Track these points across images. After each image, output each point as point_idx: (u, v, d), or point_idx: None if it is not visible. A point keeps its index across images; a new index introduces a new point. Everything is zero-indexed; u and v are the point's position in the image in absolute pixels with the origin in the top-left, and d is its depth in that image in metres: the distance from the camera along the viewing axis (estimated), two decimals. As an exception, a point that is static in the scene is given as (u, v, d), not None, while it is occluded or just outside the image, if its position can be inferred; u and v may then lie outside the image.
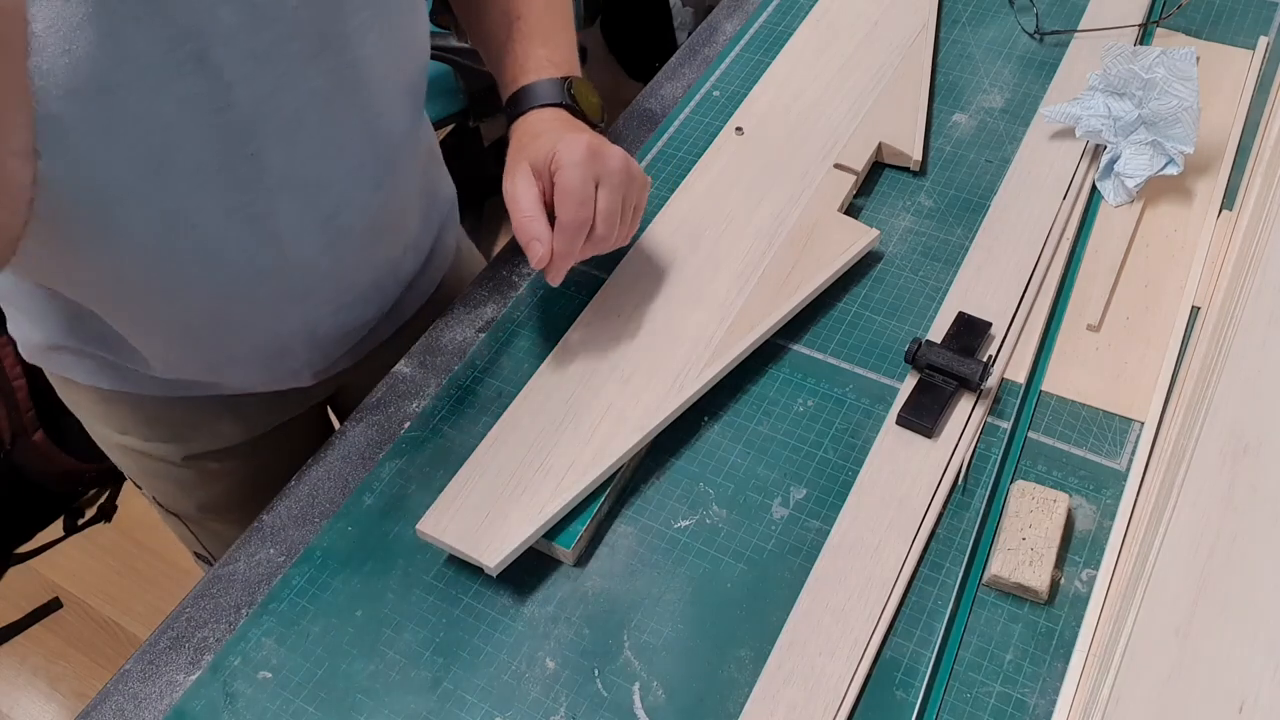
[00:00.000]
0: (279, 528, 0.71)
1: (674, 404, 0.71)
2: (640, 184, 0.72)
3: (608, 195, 0.68)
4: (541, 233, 0.66)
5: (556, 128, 0.71)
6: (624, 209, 0.69)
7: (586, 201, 0.66)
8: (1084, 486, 0.69)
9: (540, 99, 0.73)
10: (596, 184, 0.67)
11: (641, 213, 0.73)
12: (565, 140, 0.67)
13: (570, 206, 0.66)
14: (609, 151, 0.68)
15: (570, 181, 0.66)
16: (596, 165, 0.67)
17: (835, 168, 0.85)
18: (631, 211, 0.71)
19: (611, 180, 0.68)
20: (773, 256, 0.79)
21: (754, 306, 0.76)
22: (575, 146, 0.67)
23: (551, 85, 0.73)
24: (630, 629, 0.64)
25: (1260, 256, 0.71)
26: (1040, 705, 0.60)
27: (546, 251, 0.66)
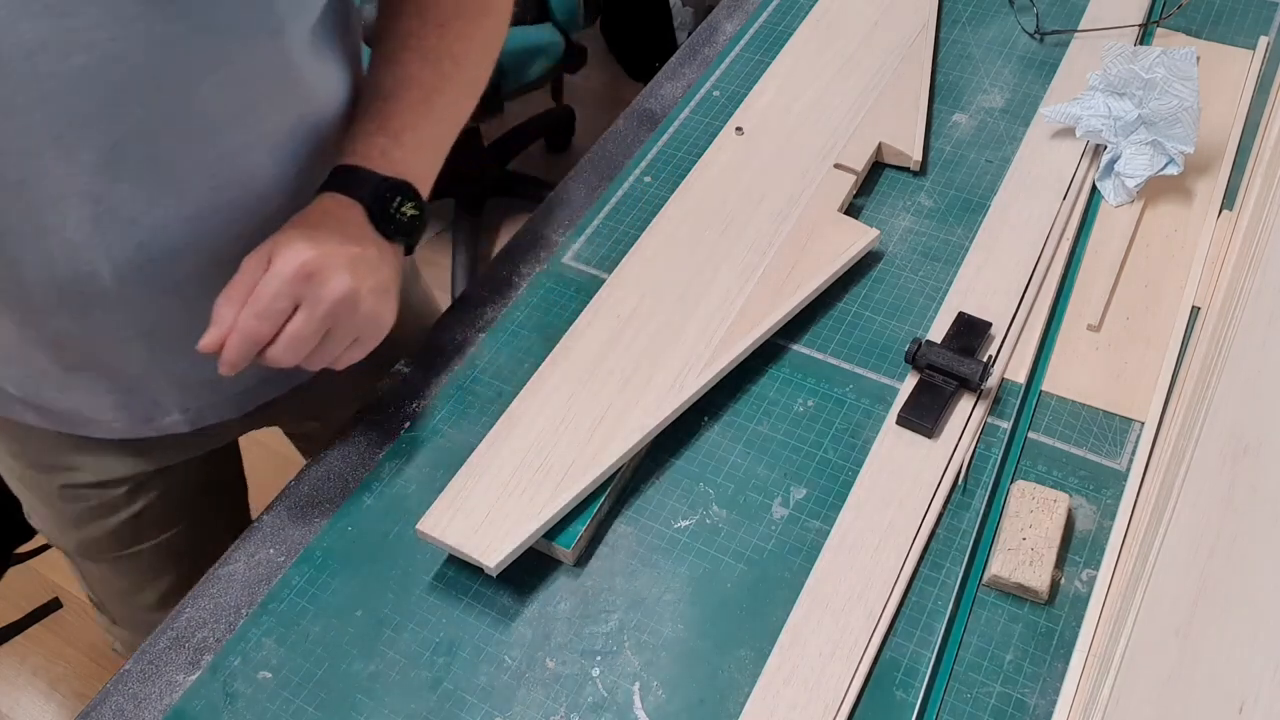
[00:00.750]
0: (279, 528, 0.71)
1: (674, 404, 0.71)
2: (366, 323, 0.65)
3: (303, 320, 0.61)
4: (223, 320, 0.61)
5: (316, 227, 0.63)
6: (331, 340, 0.63)
7: (267, 316, 0.60)
8: (1084, 486, 0.69)
9: (344, 186, 0.66)
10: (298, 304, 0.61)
11: (364, 350, 0.67)
12: (291, 248, 0.61)
13: (248, 314, 0.60)
14: (330, 279, 0.61)
15: (262, 292, 0.61)
16: (303, 288, 0.61)
17: (835, 168, 0.85)
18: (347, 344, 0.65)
19: (315, 309, 0.61)
20: (773, 256, 0.79)
21: (754, 306, 0.76)
22: (290, 260, 0.61)
23: (365, 179, 0.66)
24: (630, 629, 0.64)
25: (1260, 256, 0.71)
26: (1040, 705, 0.60)
27: (214, 341, 0.61)
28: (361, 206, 0.66)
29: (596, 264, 0.84)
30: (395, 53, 0.71)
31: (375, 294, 0.65)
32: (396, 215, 0.67)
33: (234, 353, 0.61)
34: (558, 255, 0.85)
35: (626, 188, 0.89)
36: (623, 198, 0.88)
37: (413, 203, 0.68)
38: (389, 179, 0.66)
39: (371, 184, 0.66)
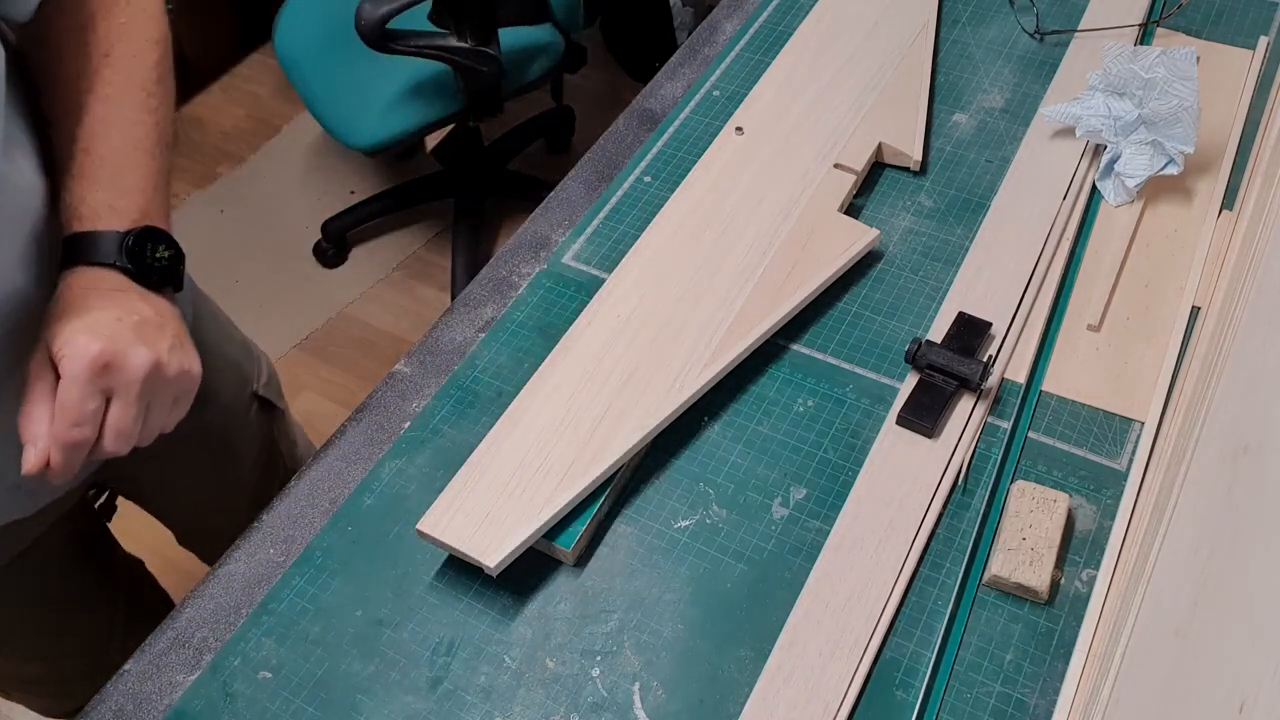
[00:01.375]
0: (279, 528, 0.71)
1: (674, 404, 0.71)
2: (177, 382, 0.63)
3: (120, 409, 0.60)
4: (37, 437, 0.58)
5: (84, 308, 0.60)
6: (151, 413, 0.62)
7: (84, 422, 0.58)
8: (1084, 486, 0.69)
9: (88, 255, 0.63)
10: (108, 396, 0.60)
11: (185, 404, 0.65)
12: (75, 344, 0.58)
13: (63, 425, 0.58)
14: (128, 360, 0.60)
15: (67, 399, 0.58)
16: (106, 379, 0.59)
17: (835, 168, 0.85)
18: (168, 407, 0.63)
19: (127, 393, 0.60)
20: (773, 256, 0.79)
21: (754, 306, 0.76)
22: (81, 359, 0.58)
23: (107, 240, 0.63)
24: (630, 629, 0.64)
25: (1260, 256, 0.71)
26: (1040, 705, 0.60)
27: (39, 460, 0.58)
28: (116, 270, 0.63)
29: (596, 264, 0.83)
30: (75, 100, 0.67)
31: (175, 351, 0.63)
32: (154, 264, 0.65)
33: (61, 466, 0.59)
34: (558, 255, 0.85)
35: (626, 188, 0.89)
36: (623, 198, 0.88)
37: (163, 244, 0.65)
38: (129, 231, 0.64)
39: (115, 244, 0.63)
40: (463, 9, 1.55)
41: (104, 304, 0.61)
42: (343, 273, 2.04)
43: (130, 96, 0.67)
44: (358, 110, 1.68)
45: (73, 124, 0.66)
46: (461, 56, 1.58)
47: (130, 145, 0.66)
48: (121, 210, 0.64)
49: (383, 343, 1.93)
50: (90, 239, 0.63)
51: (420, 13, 1.52)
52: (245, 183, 2.21)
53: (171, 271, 0.66)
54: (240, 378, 0.97)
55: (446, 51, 1.58)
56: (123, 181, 0.65)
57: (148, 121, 0.68)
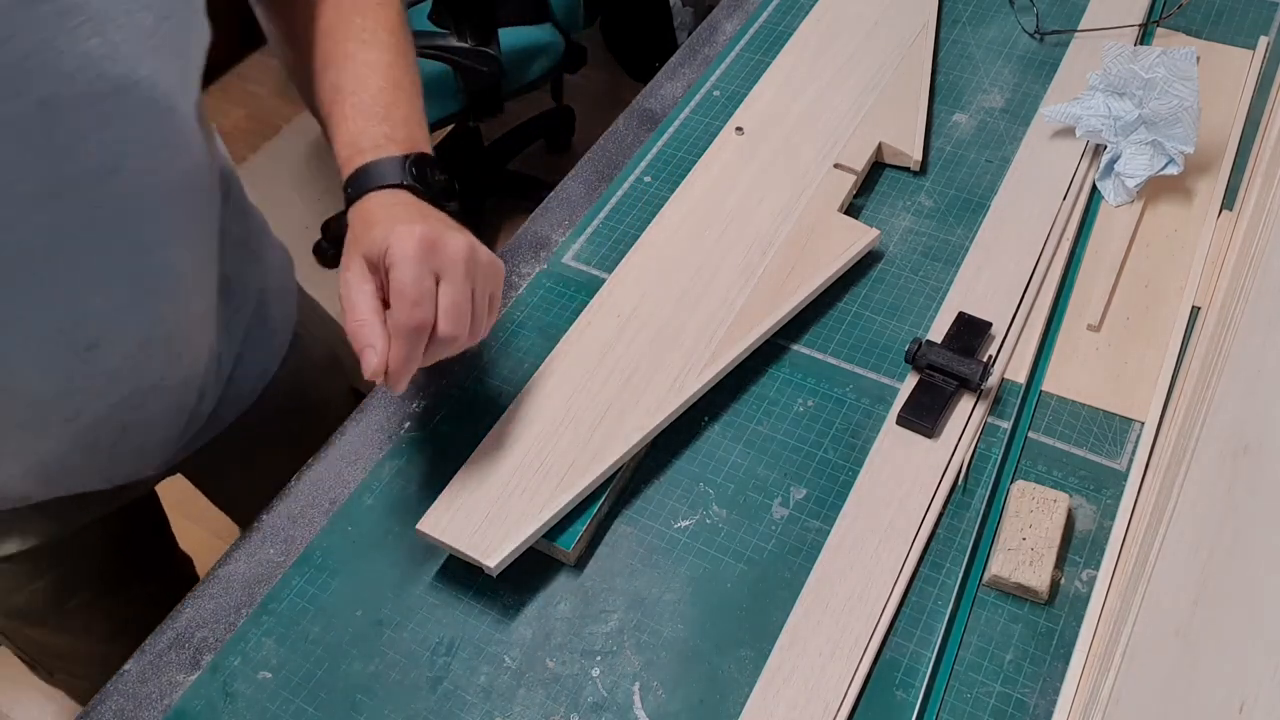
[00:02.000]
0: (279, 528, 0.71)
1: (674, 404, 0.71)
2: (490, 271, 0.65)
3: (451, 290, 0.61)
4: (376, 339, 0.59)
5: (393, 214, 0.63)
6: (475, 301, 0.62)
7: (422, 301, 0.59)
8: (1084, 486, 0.69)
9: (378, 180, 0.65)
10: (437, 279, 0.61)
11: (499, 303, 0.66)
12: (398, 232, 0.60)
13: (404, 308, 0.59)
14: (448, 241, 0.61)
15: (403, 280, 0.59)
16: (434, 259, 0.60)
17: (835, 168, 0.85)
18: (486, 301, 0.64)
19: (454, 272, 0.61)
20: (773, 256, 0.79)
21: (754, 306, 0.76)
22: (407, 239, 0.60)
23: (391, 164, 0.65)
24: (630, 629, 0.64)
25: (1260, 256, 0.71)
26: (1040, 705, 0.60)
27: (381, 362, 0.59)
28: (405, 189, 0.65)
29: (596, 264, 0.84)
30: (333, 50, 0.70)
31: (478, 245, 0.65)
32: (434, 184, 0.67)
33: (402, 359, 0.59)
34: (558, 255, 0.85)
35: (626, 188, 0.89)
36: (623, 198, 0.88)
37: (436, 170, 0.68)
38: (409, 155, 0.66)
39: (400, 167, 0.66)
40: (463, 9, 1.55)
41: (408, 211, 0.63)
42: (343, 273, 2.04)
43: (382, 41, 0.71)
44: (358, 110, 1.68)
45: (335, 73, 0.70)
46: (461, 56, 1.58)
47: (391, 85, 0.69)
48: (399, 140, 0.67)
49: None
50: (378, 165, 0.66)
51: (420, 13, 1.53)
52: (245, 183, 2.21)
53: (449, 194, 0.70)
54: (339, 370, 0.99)
55: (446, 51, 1.58)
56: (393, 116, 0.68)
57: (400, 64, 0.71)
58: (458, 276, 0.61)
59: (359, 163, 0.66)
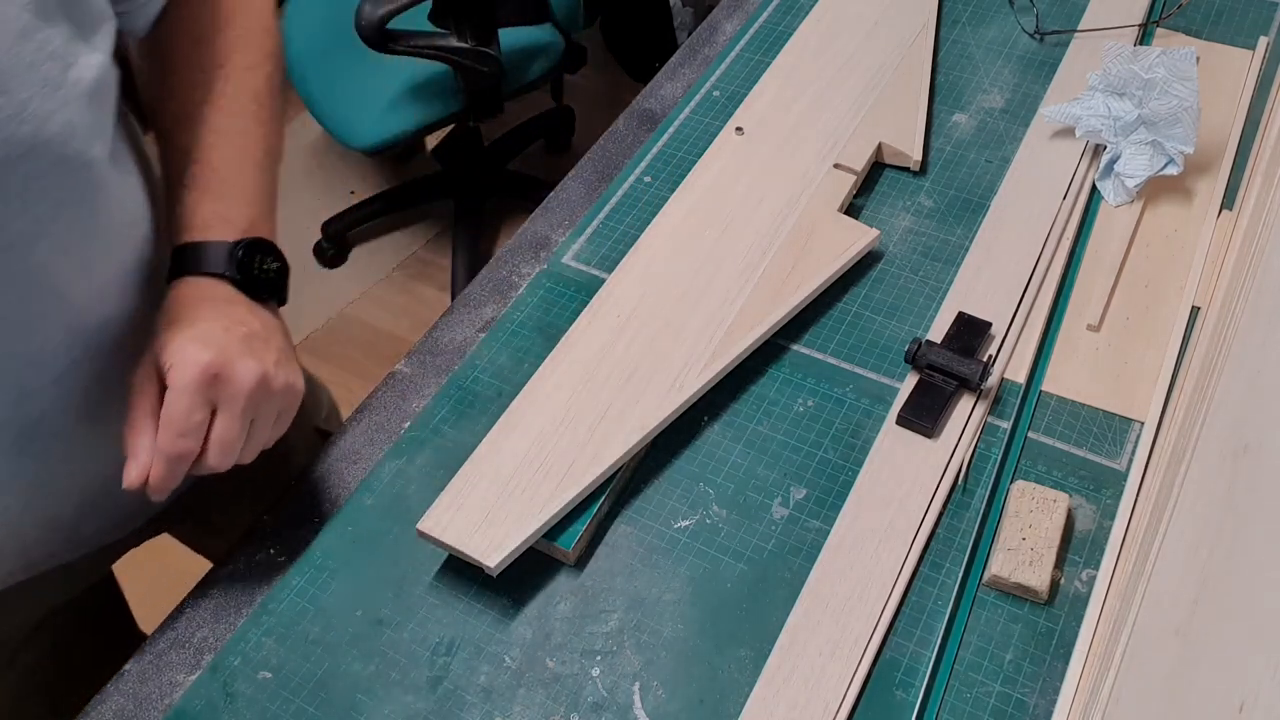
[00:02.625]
0: (279, 528, 0.71)
1: (674, 404, 0.71)
2: (282, 397, 0.62)
3: (226, 423, 0.59)
4: (140, 451, 0.58)
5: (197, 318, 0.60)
6: (254, 429, 0.61)
7: (188, 433, 0.57)
8: (1084, 486, 0.69)
9: (198, 265, 0.62)
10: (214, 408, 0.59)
11: (287, 420, 0.64)
12: (183, 356, 0.57)
13: (168, 437, 0.57)
14: (235, 372, 0.58)
15: (173, 410, 0.57)
16: (214, 390, 0.58)
17: (835, 168, 0.85)
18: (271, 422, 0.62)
19: (233, 405, 0.59)
20: (773, 256, 0.79)
21: (754, 306, 0.76)
22: (189, 369, 0.57)
23: (216, 250, 0.62)
24: (630, 629, 0.64)
25: (1260, 256, 0.71)
26: (1040, 705, 0.60)
27: (140, 474, 0.57)
28: (225, 281, 0.62)
29: (596, 264, 0.84)
30: (188, 111, 0.66)
31: (280, 366, 0.62)
32: (261, 275, 0.64)
33: (162, 479, 0.58)
34: (558, 255, 0.85)
35: (626, 188, 0.89)
36: (623, 198, 0.88)
37: (271, 256, 0.65)
38: (239, 242, 0.63)
39: (225, 254, 0.63)
40: (463, 9, 1.55)
41: (213, 314, 0.60)
42: (343, 273, 2.04)
43: (242, 108, 0.67)
44: (358, 110, 1.68)
45: (185, 135, 0.66)
46: (461, 56, 1.58)
47: (241, 156, 0.66)
48: (232, 220, 0.64)
49: (383, 343, 1.93)
50: (201, 248, 0.63)
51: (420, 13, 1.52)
52: (245, 183, 2.21)
53: (278, 284, 0.66)
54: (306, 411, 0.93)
55: (446, 51, 1.58)
56: (233, 192, 0.65)
57: (258, 133, 0.68)
58: (236, 410, 0.59)
59: (185, 238, 0.63)
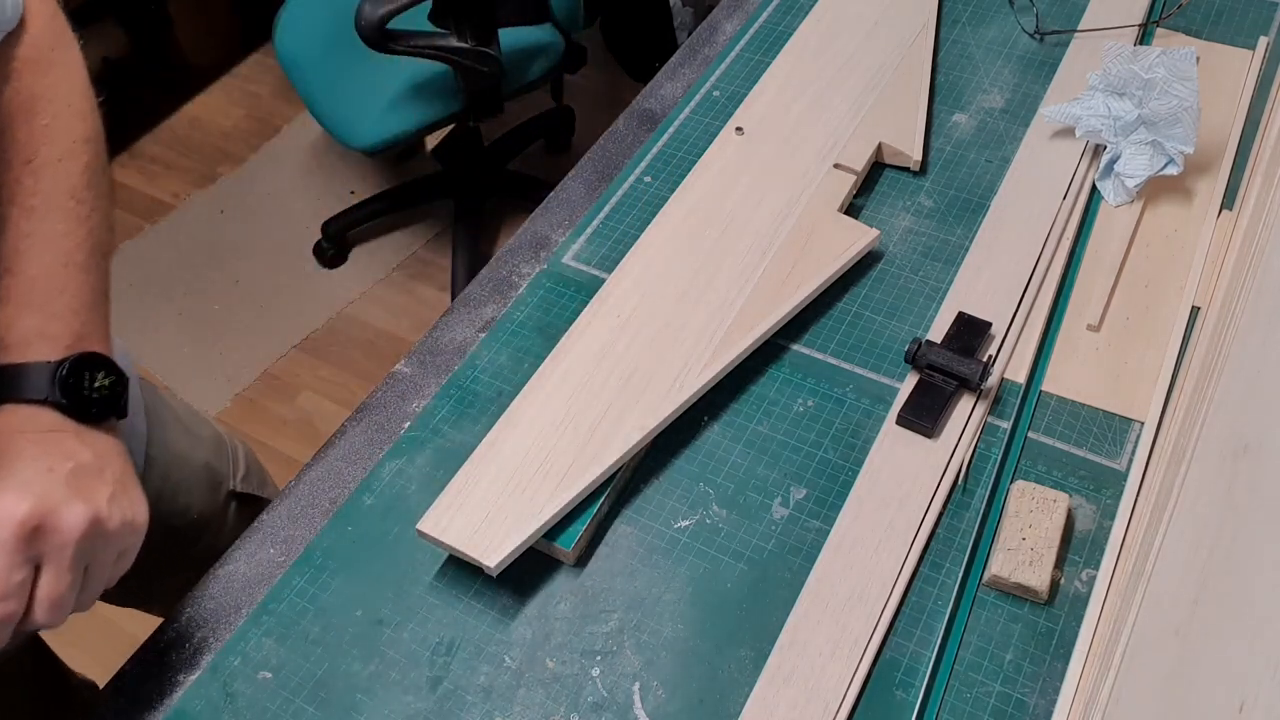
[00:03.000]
0: (279, 528, 0.71)
1: (674, 404, 0.71)
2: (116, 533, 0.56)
3: (53, 577, 0.53)
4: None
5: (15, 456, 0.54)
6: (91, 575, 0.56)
7: (9, 596, 0.52)
8: (1084, 486, 0.69)
9: (16, 391, 0.56)
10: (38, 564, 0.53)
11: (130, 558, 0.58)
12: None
13: None
14: (60, 521, 0.53)
15: None
16: (36, 545, 0.53)
17: (835, 168, 0.85)
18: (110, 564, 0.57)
19: (61, 557, 0.53)
20: (773, 256, 0.79)
21: (754, 306, 0.76)
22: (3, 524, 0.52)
23: (38, 372, 0.56)
24: (630, 629, 0.64)
25: (1260, 256, 0.71)
26: (1040, 705, 0.60)
27: None
28: (48, 406, 0.56)
29: (596, 264, 0.84)
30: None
31: (116, 501, 0.57)
32: (92, 395, 0.58)
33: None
34: (558, 255, 0.85)
35: (626, 188, 0.89)
36: (623, 198, 0.88)
37: (103, 371, 0.59)
38: (63, 361, 0.57)
39: (47, 376, 0.57)
40: (463, 9, 1.55)
41: (34, 452, 0.55)
42: (343, 273, 2.04)
43: (58, 205, 0.61)
44: (358, 110, 1.68)
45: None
46: (461, 56, 1.58)
47: (60, 262, 0.60)
48: (54, 336, 0.58)
49: (383, 343, 1.93)
50: (19, 372, 0.57)
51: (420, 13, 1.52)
52: (245, 183, 2.21)
53: (113, 401, 0.59)
54: (213, 481, 0.89)
55: (446, 51, 1.58)
56: (53, 304, 0.59)
57: (79, 232, 0.61)
58: (64, 563, 0.53)
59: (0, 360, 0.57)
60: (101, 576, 0.57)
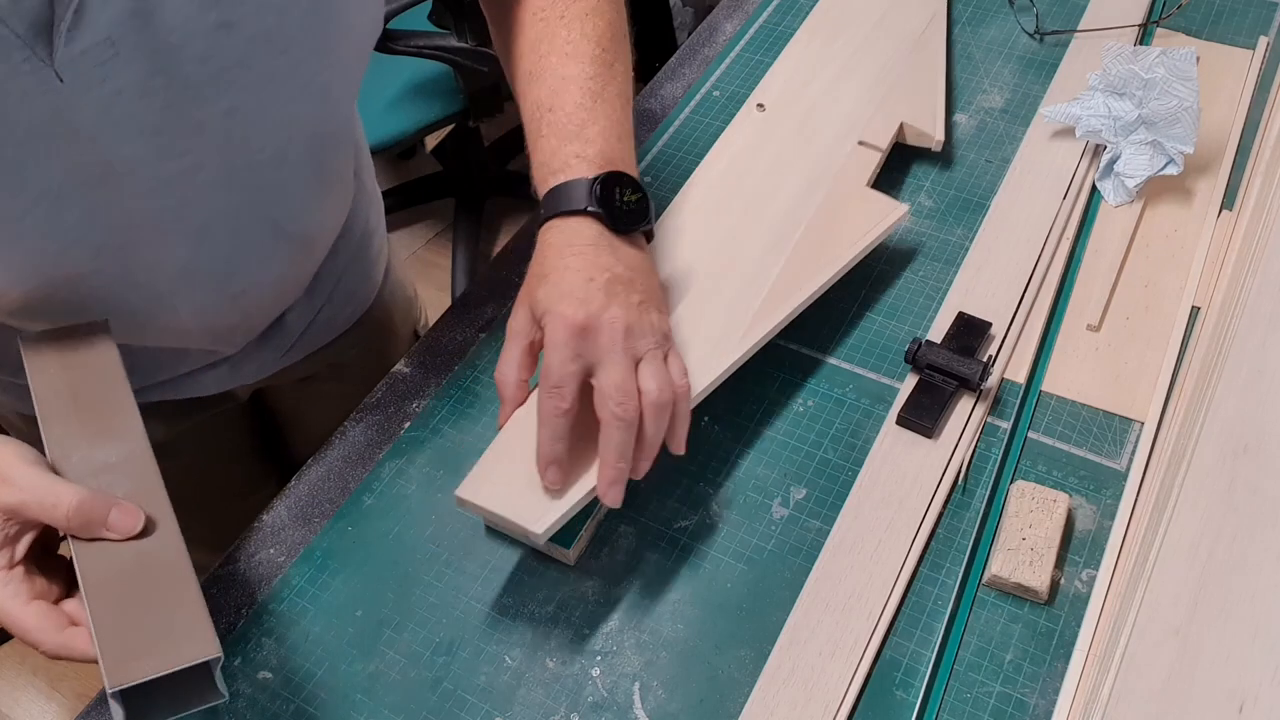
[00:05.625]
0: (279, 528, 0.71)
1: (709, 378, 0.68)
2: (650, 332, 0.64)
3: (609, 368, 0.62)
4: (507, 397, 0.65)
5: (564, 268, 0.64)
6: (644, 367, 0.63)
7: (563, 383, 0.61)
8: (1084, 486, 0.69)
9: (562, 205, 0.66)
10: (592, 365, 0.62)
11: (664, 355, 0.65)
12: (553, 316, 0.62)
13: (544, 389, 0.62)
14: (599, 322, 0.62)
15: (549, 362, 0.62)
16: (584, 343, 0.62)
17: (860, 144, 0.83)
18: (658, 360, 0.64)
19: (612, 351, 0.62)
20: (803, 232, 0.77)
21: (785, 283, 0.74)
22: (560, 328, 0.62)
23: (577, 188, 0.66)
24: (630, 629, 0.64)
25: (1260, 256, 0.71)
26: (1040, 705, 0.60)
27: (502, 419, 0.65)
28: (589, 217, 0.66)
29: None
30: (537, 64, 0.71)
31: (644, 306, 0.65)
32: (622, 207, 0.67)
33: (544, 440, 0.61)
34: (558, 255, 0.85)
35: (626, 188, 0.89)
36: (623, 198, 0.88)
37: (630, 189, 0.68)
38: (597, 177, 0.66)
39: (586, 191, 0.66)
40: (463, 9, 1.55)
41: (578, 264, 0.64)
42: (343, 273, 2.04)
43: (585, 52, 0.70)
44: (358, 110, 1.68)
45: (538, 89, 0.70)
46: (461, 56, 1.58)
47: (590, 99, 0.69)
48: (589, 159, 0.67)
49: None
50: (563, 189, 0.67)
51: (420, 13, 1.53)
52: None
53: (640, 214, 0.68)
54: (411, 317, 1.04)
55: (446, 51, 1.58)
56: (586, 133, 0.68)
57: (604, 75, 0.71)
58: (615, 355, 0.62)
59: (548, 185, 0.67)
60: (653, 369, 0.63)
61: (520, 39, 0.73)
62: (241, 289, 0.72)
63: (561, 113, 0.69)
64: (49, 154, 0.55)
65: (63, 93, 0.53)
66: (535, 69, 0.71)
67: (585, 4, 0.72)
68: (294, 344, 0.86)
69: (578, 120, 0.68)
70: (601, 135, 0.68)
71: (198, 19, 0.55)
